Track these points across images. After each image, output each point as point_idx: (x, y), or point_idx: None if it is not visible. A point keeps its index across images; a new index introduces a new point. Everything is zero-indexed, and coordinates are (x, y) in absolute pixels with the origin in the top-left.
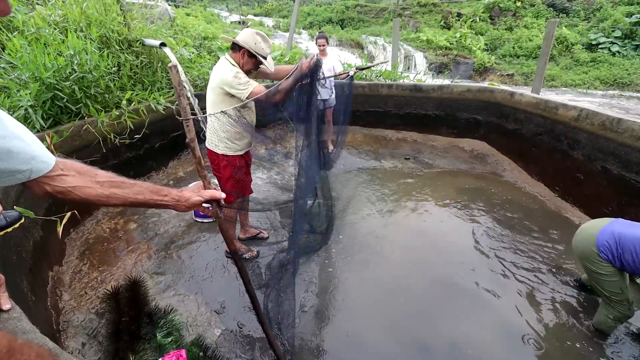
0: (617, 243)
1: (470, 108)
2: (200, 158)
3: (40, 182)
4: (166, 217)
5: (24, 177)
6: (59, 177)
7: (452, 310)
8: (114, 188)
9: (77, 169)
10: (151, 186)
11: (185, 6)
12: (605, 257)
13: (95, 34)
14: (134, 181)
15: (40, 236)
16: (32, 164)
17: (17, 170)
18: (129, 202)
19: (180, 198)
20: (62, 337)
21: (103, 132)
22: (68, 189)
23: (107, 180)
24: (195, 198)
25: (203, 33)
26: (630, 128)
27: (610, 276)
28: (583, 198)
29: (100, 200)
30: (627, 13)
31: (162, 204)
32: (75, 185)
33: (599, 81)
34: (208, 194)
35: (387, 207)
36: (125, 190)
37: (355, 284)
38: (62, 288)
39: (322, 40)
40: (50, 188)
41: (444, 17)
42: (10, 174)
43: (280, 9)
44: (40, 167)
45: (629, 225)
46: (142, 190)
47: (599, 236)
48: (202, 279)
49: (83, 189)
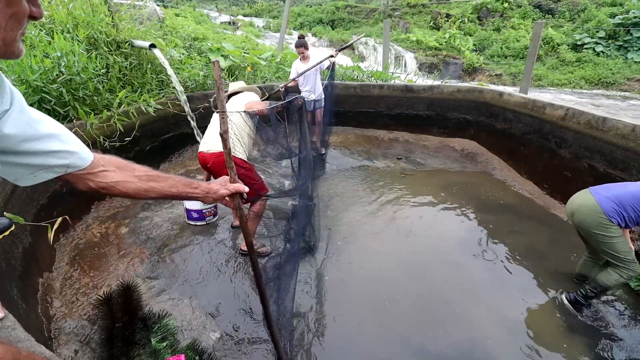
0: (619, 205)
1: (460, 108)
2: (230, 149)
3: (84, 178)
4: (158, 221)
5: (61, 171)
6: (101, 173)
7: (451, 310)
8: (151, 182)
9: (116, 164)
10: (184, 179)
11: (174, 6)
12: (616, 220)
13: (83, 35)
14: (167, 175)
15: (30, 242)
16: (69, 159)
17: (56, 164)
18: (163, 194)
19: (210, 190)
20: (54, 345)
21: (92, 135)
22: (110, 184)
23: (145, 174)
24: (223, 191)
25: (193, 34)
26: (615, 127)
27: (621, 237)
28: (571, 195)
29: (139, 193)
30: (610, 14)
31: (193, 195)
32: (117, 180)
33: (584, 81)
34: (233, 187)
35: (380, 207)
36: (161, 184)
37: (348, 284)
38: (53, 295)
39: (301, 49)
40: (94, 184)
41: (433, 18)
42: (48, 168)
43: (270, 10)
44: (78, 163)
45: (608, 188)
46: (176, 184)
47: (602, 204)
48: (196, 283)
49: (124, 184)
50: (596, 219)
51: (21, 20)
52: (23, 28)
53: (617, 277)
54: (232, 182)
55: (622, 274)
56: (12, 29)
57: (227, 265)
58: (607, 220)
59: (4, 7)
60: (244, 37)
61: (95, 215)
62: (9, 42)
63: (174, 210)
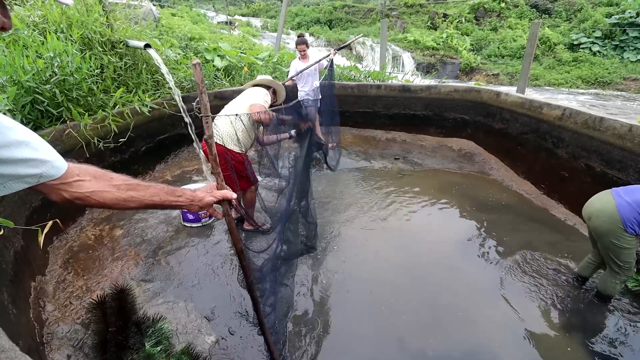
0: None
1: (457, 108)
2: (216, 155)
3: (58, 188)
4: (153, 223)
5: (33, 181)
6: (76, 182)
7: (451, 312)
8: (130, 191)
9: (92, 174)
10: (166, 187)
11: (170, 6)
12: (632, 231)
13: (77, 35)
14: (148, 183)
15: (22, 245)
16: (42, 168)
17: (27, 174)
18: (144, 204)
19: (194, 198)
20: (46, 350)
21: (86, 136)
22: (86, 194)
23: (124, 184)
24: (209, 198)
25: (189, 34)
26: (612, 126)
27: (631, 248)
28: (568, 195)
29: (117, 203)
30: (606, 14)
31: (176, 204)
32: (93, 190)
33: (580, 80)
34: (220, 194)
35: (377, 207)
36: (141, 193)
37: (345, 285)
38: (46, 298)
39: (302, 46)
40: (68, 194)
41: (431, 18)
42: (18, 178)
43: (267, 9)
44: (51, 172)
45: (633, 191)
46: (158, 192)
47: (622, 211)
48: (191, 285)
49: (101, 194)
50: (613, 228)
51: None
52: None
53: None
54: (219, 188)
55: (616, 280)
56: None
57: (223, 267)
58: (622, 230)
59: None
60: (241, 37)
61: (89, 217)
62: None
63: (170, 212)
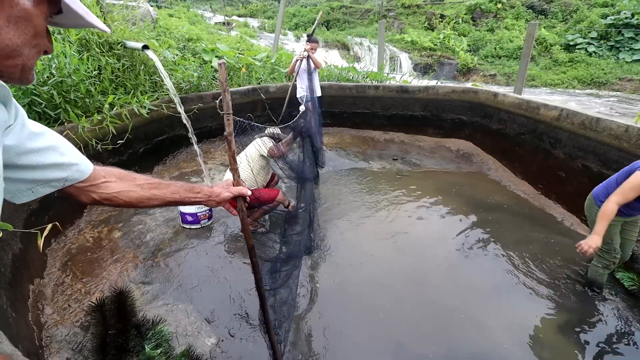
0: (606, 185)
1: (455, 109)
2: (234, 151)
3: (87, 190)
4: (152, 225)
5: (59, 185)
6: (103, 184)
7: (452, 313)
8: (153, 190)
9: (117, 175)
10: (185, 185)
11: (168, 7)
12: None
13: (74, 36)
14: (168, 182)
15: (20, 248)
16: (68, 172)
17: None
18: (166, 201)
19: (212, 194)
20: (46, 353)
21: (84, 138)
22: (113, 194)
23: (146, 183)
24: (225, 194)
25: (187, 34)
26: (609, 127)
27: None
28: (565, 195)
29: (142, 202)
30: (602, 15)
31: (195, 200)
32: (120, 190)
33: (577, 81)
34: (236, 190)
35: (375, 208)
36: (163, 191)
37: (344, 287)
38: (44, 301)
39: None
40: (97, 196)
41: (428, 19)
42: (46, 182)
43: (265, 10)
44: (75, 176)
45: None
46: (178, 190)
47: (594, 191)
48: (191, 287)
49: (127, 193)
50: (587, 204)
51: (41, 52)
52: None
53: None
54: (235, 184)
55: (598, 263)
56: (32, 58)
57: (223, 269)
58: (592, 202)
59: (32, 38)
60: (238, 38)
61: (87, 220)
62: (27, 69)
63: (168, 214)
